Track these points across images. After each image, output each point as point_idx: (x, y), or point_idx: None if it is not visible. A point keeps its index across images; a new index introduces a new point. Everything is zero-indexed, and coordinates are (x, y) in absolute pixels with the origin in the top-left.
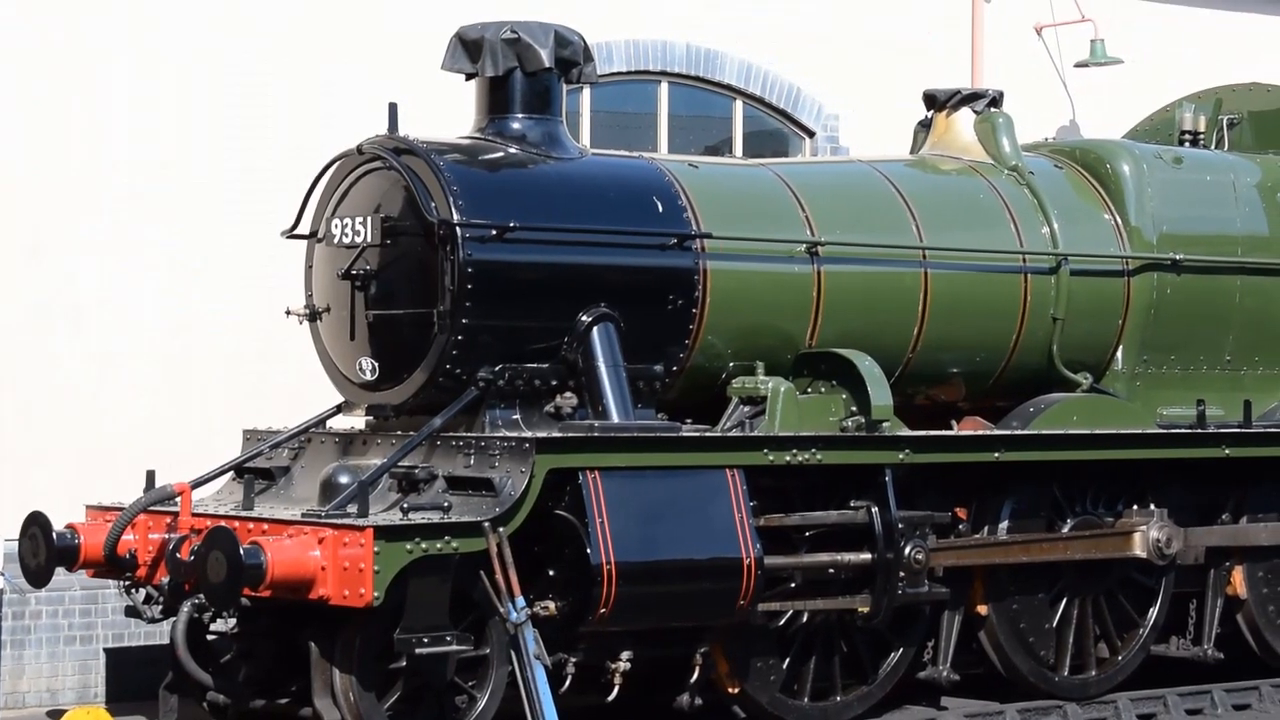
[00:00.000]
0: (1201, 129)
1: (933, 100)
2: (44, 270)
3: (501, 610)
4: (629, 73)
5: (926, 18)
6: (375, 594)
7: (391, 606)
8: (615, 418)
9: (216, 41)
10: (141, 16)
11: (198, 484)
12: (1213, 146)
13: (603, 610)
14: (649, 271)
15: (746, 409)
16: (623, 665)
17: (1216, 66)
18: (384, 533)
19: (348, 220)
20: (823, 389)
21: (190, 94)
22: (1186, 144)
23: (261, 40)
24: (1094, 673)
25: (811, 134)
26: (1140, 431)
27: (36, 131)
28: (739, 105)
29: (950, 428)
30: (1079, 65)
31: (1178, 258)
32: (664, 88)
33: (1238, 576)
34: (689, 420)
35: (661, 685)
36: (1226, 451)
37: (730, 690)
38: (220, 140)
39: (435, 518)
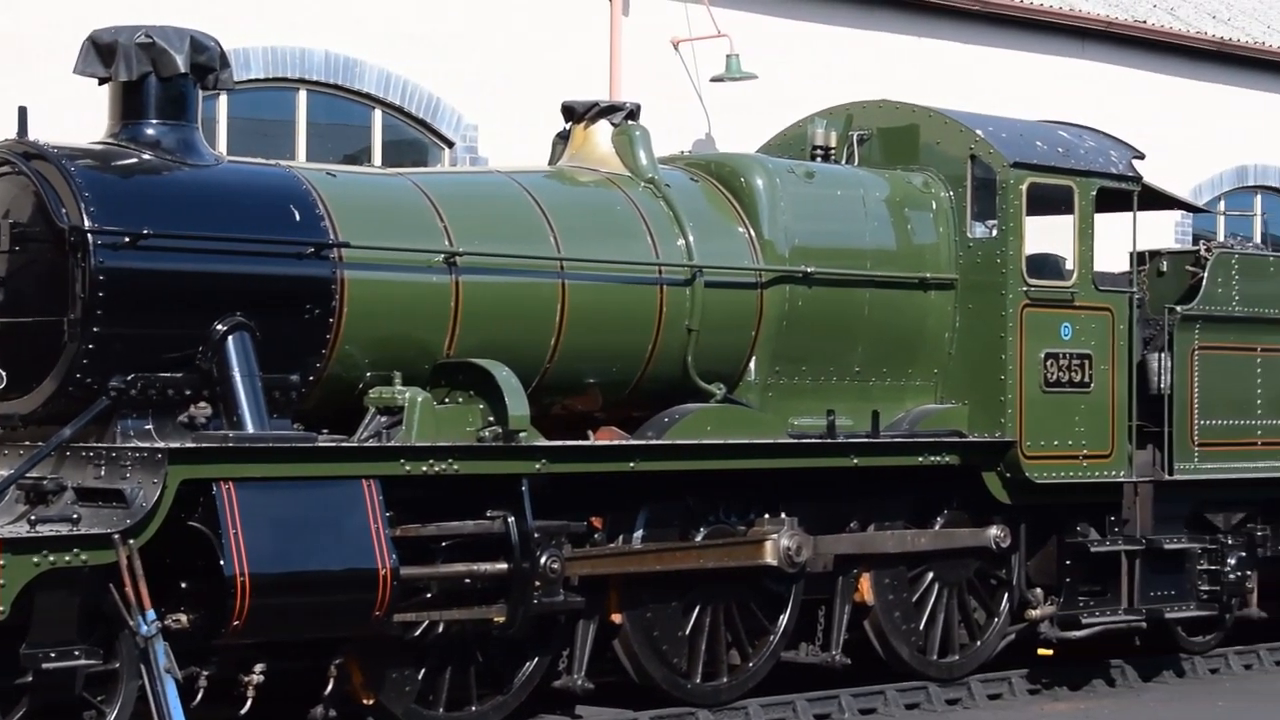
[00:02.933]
0: (833, 144)
1: (571, 112)
2: None
3: (131, 624)
4: (267, 79)
5: (565, 31)
6: (1, 608)
7: (19, 621)
8: (250, 428)
9: None
10: None
11: None
12: (844, 162)
13: (236, 623)
14: (285, 280)
15: (383, 419)
16: (256, 678)
17: (848, 83)
18: (10, 545)
19: None
20: (460, 399)
21: None
22: (818, 159)
23: None
24: (726, 679)
25: (450, 144)
26: (771, 441)
27: None
28: (378, 114)
29: (587, 438)
30: (715, 80)
31: (809, 270)
32: (302, 95)
33: (865, 584)
34: (326, 430)
35: (295, 697)
36: (855, 461)
37: (365, 701)
38: None
39: (64, 530)
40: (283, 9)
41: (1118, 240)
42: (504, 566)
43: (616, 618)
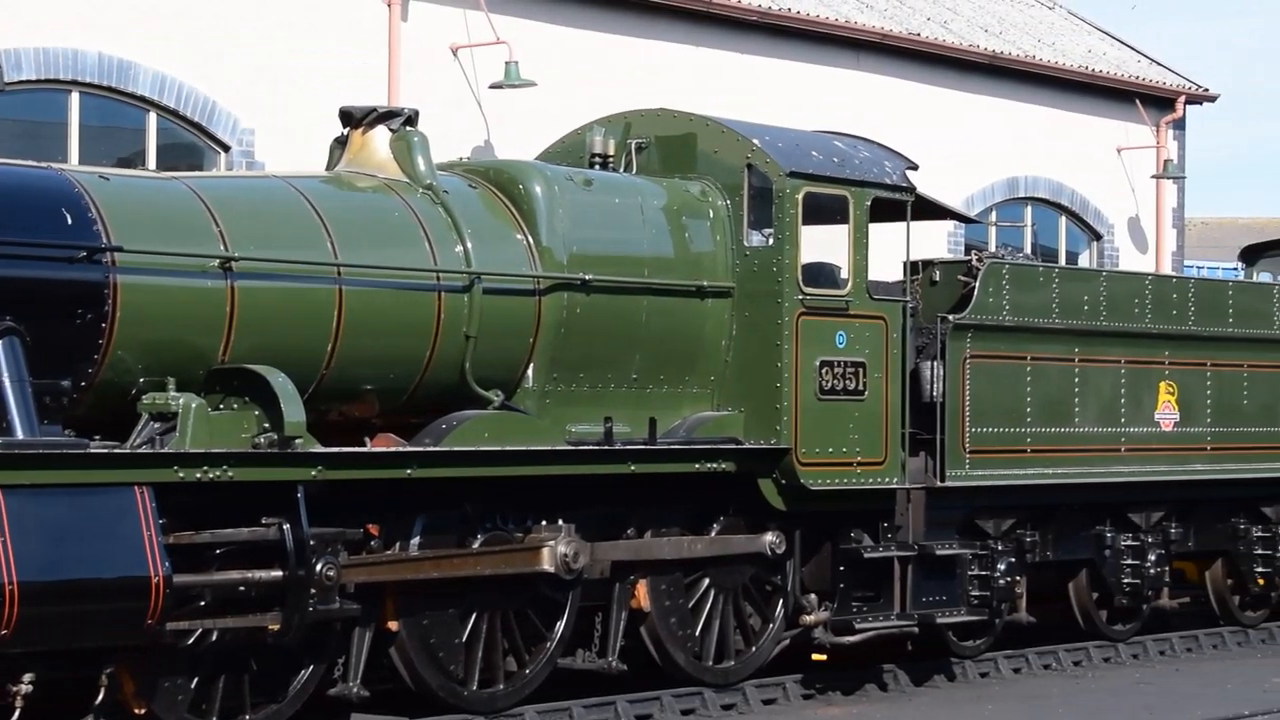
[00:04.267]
0: (611, 152)
1: (349, 117)
2: None
3: None
4: (38, 81)
5: (344, 36)
6: None
7: None
8: (20, 434)
9: None
10: None
11: None
12: (622, 170)
13: (4, 632)
14: (56, 285)
15: (157, 425)
16: (25, 688)
17: (627, 91)
18: None
19: None
20: (235, 405)
21: None
22: (596, 167)
23: None
24: (502, 686)
25: (227, 148)
26: (548, 448)
27: None
28: (153, 117)
29: (364, 444)
30: (494, 86)
31: (587, 278)
32: (75, 97)
33: (642, 590)
34: (98, 437)
35: (66, 707)
36: (632, 467)
37: (137, 711)
38: None
39: None
40: (55, 9)
41: (892, 249)
42: (279, 574)
43: (393, 625)
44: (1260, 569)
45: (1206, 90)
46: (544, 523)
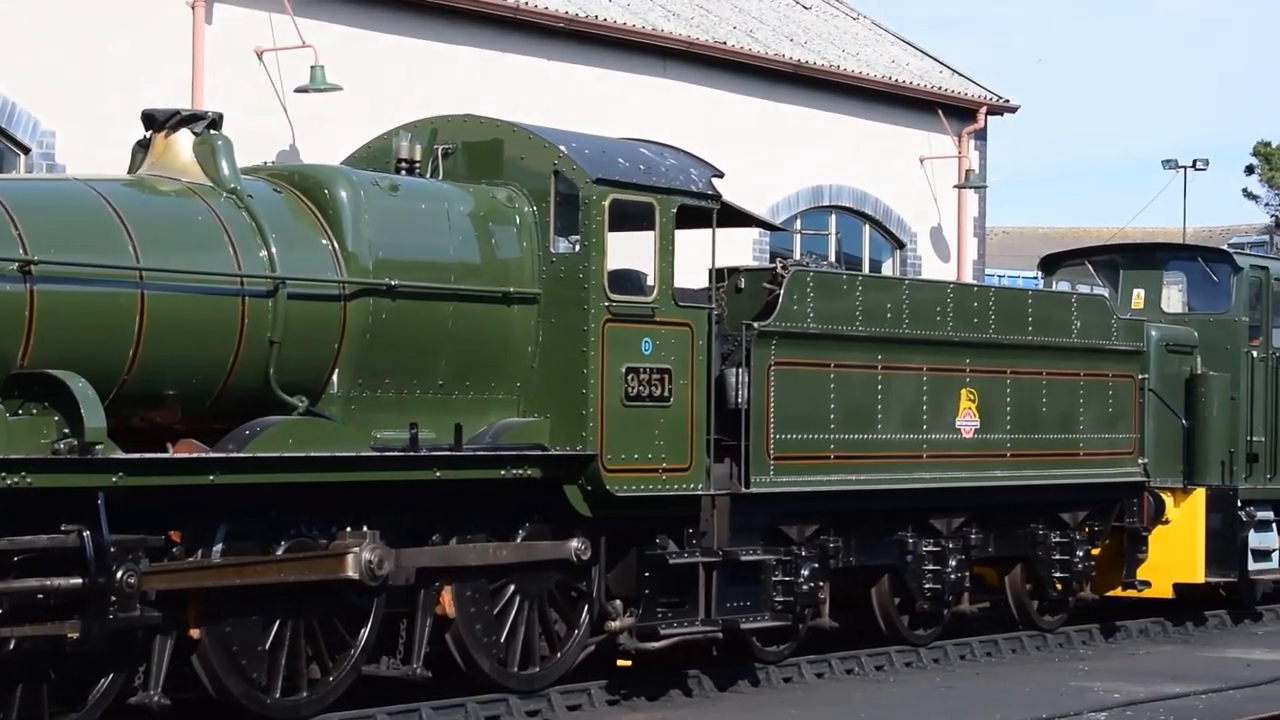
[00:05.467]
0: (418, 157)
1: (151, 120)
2: None
3: None
4: None
5: (147, 38)
6: None
7: None
8: None
9: None
10: None
11: None
12: (428, 175)
13: None
14: None
15: None
16: None
17: (433, 96)
18: None
19: None
20: (35, 411)
21: None
22: (403, 172)
23: None
24: (306, 694)
25: (26, 150)
26: (353, 454)
27: None
28: None
29: (167, 451)
30: (299, 90)
31: (393, 284)
32: None
33: (447, 597)
34: None
35: None
36: (438, 474)
37: None
38: None
39: None
40: None
41: (698, 257)
42: (78, 582)
43: (195, 633)
44: (1058, 574)
45: (1007, 101)
46: (349, 529)
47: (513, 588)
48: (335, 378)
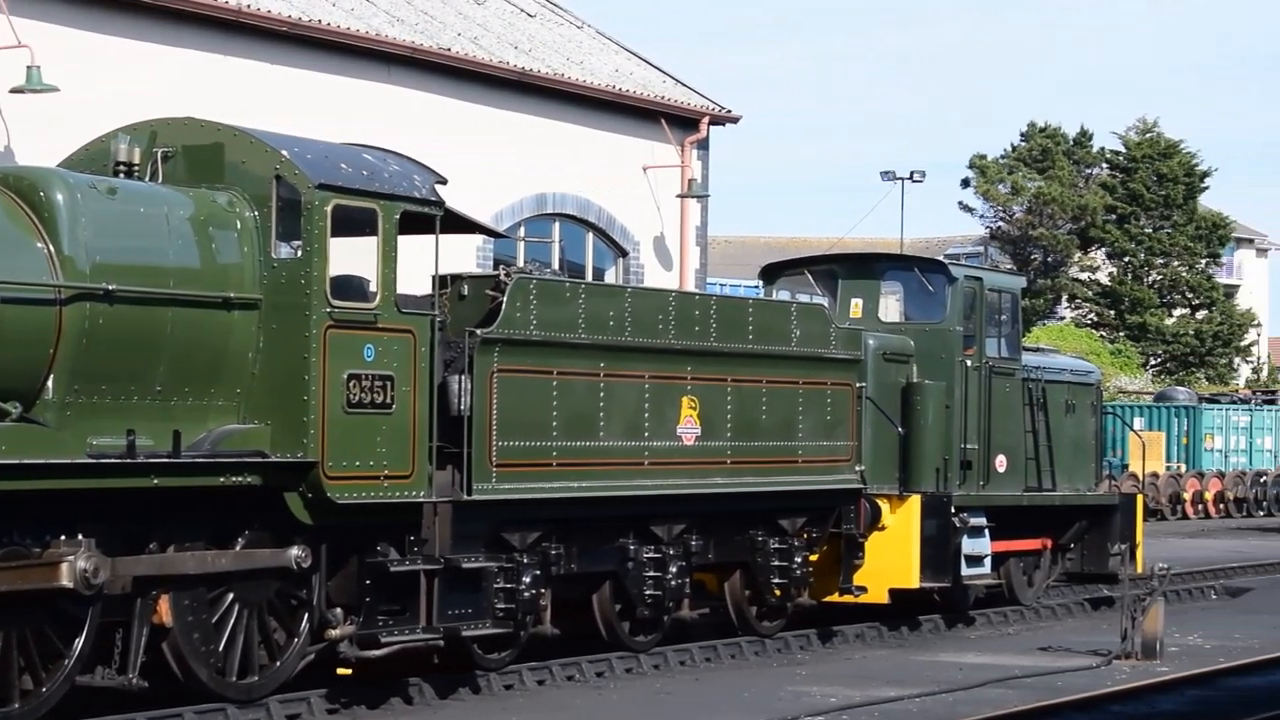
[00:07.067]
0: (137, 160)
1: None
2: None
3: None
4: None
5: None
6: None
7: None
8: None
9: None
10: None
11: None
12: (147, 179)
13: None
14: None
15: None
16: None
17: (153, 99)
18: None
19: None
20: None
21: None
22: (121, 175)
23: None
24: (18, 705)
25: None
26: (68, 461)
27: None
28: None
29: None
30: (15, 91)
31: (110, 288)
32: None
33: (164, 605)
34: None
35: None
36: (155, 481)
37: None
38: None
39: None
40: None
41: (421, 263)
42: None
43: None
44: (777, 580)
45: (729, 111)
46: (64, 538)
47: (232, 596)
48: (50, 383)
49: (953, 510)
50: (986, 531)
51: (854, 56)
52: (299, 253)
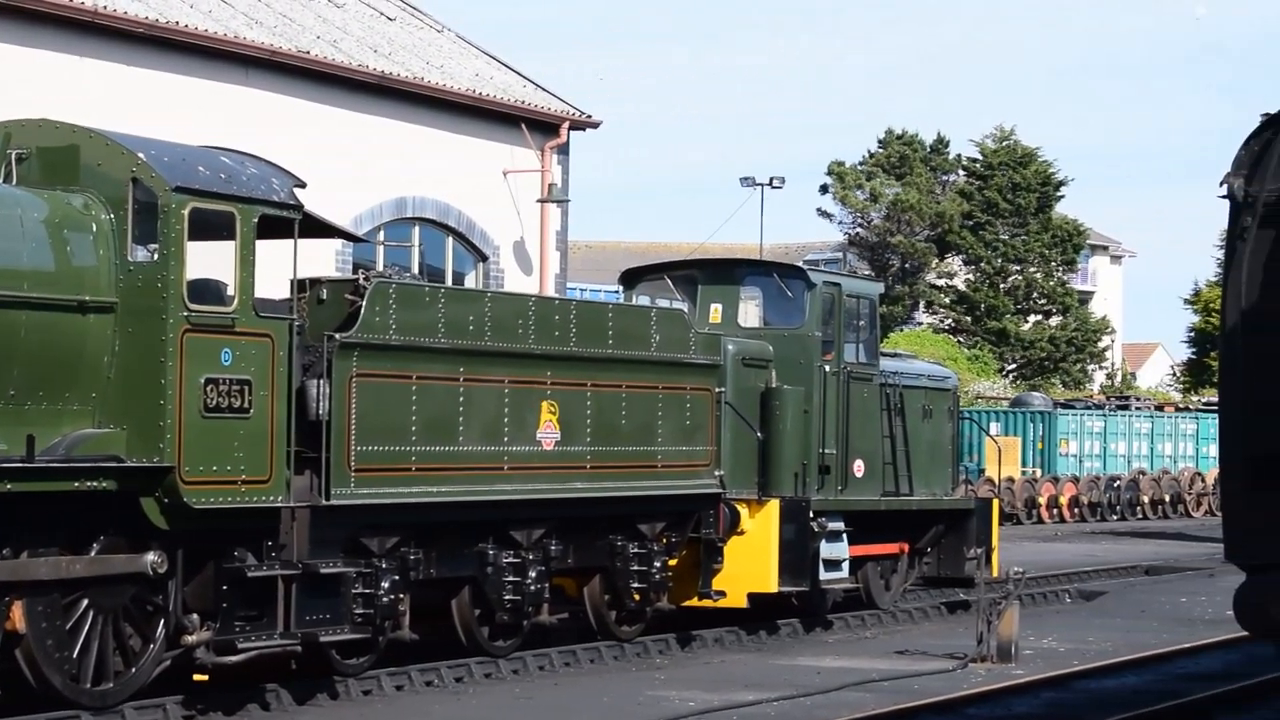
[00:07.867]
0: None
1: None
2: None
3: None
4: None
5: None
6: None
7: None
8: None
9: None
10: None
11: None
12: (1, 180)
13: None
14: None
15: None
16: None
17: (7, 100)
18: None
19: None
20: None
21: None
22: None
23: None
24: None
25: None
26: None
27: None
28: None
29: None
30: None
31: None
32: None
33: (17, 612)
34: None
35: None
36: (9, 486)
37: None
38: None
39: None
40: None
41: (280, 267)
42: None
43: None
44: (636, 585)
45: (590, 116)
46: None
47: (86, 602)
48: None
49: (811, 515)
50: (844, 536)
51: (714, 63)
52: (156, 256)
